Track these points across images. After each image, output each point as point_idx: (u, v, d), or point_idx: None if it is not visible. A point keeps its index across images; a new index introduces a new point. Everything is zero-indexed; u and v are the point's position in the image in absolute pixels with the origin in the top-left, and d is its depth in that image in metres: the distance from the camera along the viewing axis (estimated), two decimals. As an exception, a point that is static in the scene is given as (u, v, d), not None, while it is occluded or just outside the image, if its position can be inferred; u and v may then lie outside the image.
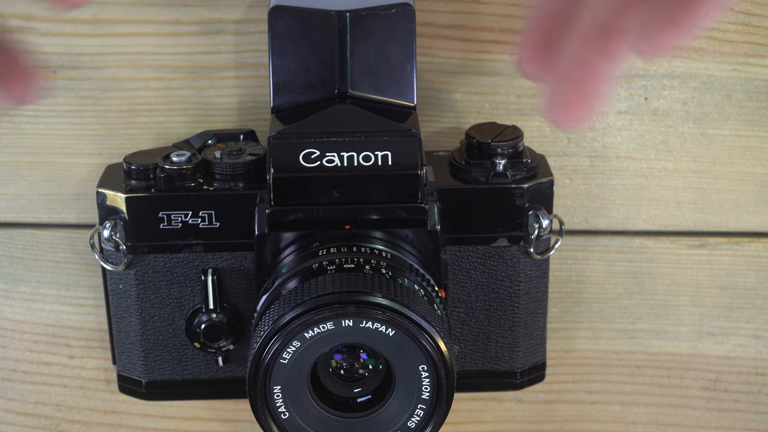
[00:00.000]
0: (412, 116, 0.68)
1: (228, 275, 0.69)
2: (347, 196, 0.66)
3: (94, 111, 0.75)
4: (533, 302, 0.71)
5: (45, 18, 0.73)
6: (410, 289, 0.63)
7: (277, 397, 0.62)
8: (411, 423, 0.63)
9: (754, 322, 0.79)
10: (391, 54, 0.68)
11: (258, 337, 0.62)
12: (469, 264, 0.69)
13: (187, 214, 0.68)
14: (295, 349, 0.61)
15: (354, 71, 0.68)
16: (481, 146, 0.68)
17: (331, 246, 0.66)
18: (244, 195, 0.68)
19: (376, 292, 0.61)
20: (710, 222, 0.77)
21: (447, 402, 0.63)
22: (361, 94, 0.68)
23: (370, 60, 0.68)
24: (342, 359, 0.66)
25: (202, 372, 0.72)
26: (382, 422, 0.64)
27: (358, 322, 0.61)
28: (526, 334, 0.71)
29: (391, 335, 0.61)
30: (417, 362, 0.62)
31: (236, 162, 0.68)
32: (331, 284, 0.62)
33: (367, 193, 0.66)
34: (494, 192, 0.68)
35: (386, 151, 0.65)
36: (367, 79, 0.68)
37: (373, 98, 0.68)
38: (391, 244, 0.67)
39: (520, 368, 0.72)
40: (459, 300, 0.70)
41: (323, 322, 0.61)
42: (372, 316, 0.61)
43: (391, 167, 0.65)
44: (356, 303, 0.61)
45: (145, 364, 0.72)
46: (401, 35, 0.68)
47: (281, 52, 0.68)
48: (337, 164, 0.65)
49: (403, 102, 0.68)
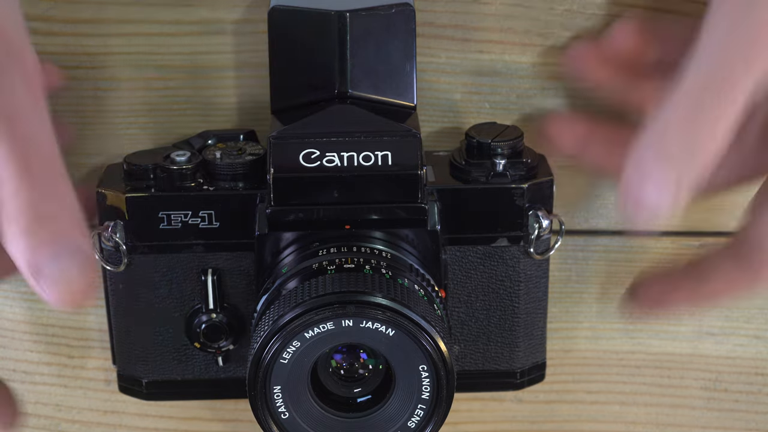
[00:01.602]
0: (412, 116, 0.68)
1: (228, 275, 0.69)
2: (347, 196, 0.66)
3: (94, 111, 0.75)
4: (533, 302, 0.71)
5: (45, 18, 0.73)
6: (410, 289, 0.63)
7: (277, 397, 0.62)
8: (411, 423, 0.63)
9: (754, 322, 0.79)
10: (391, 54, 0.68)
11: (258, 337, 0.62)
12: (469, 264, 0.69)
13: (187, 214, 0.68)
14: (295, 349, 0.61)
15: (354, 71, 0.68)
16: (481, 146, 0.68)
17: (331, 246, 0.66)
18: (244, 195, 0.67)
19: (376, 292, 0.61)
20: (710, 222, 0.77)
21: (447, 402, 0.63)
22: (360, 94, 0.68)
23: (370, 60, 0.68)
24: (342, 359, 0.66)
25: (202, 372, 0.72)
26: (382, 422, 0.64)
27: (358, 322, 0.61)
28: (526, 334, 0.71)
29: (391, 335, 0.61)
30: (417, 362, 0.62)
31: (236, 162, 0.68)
32: (331, 284, 0.62)
33: (367, 193, 0.65)
34: (494, 192, 0.68)
35: (386, 151, 0.65)
36: (367, 79, 0.68)
37: (373, 98, 0.68)
38: (391, 244, 0.67)
39: (520, 368, 0.72)
40: (459, 300, 0.70)
41: (323, 322, 0.61)
42: (372, 316, 0.61)
43: (391, 167, 0.65)
44: (356, 303, 0.61)
45: (145, 364, 0.72)
46: (401, 35, 0.68)
47: (281, 53, 0.68)
48: (337, 164, 0.65)
49: (403, 102, 0.68)
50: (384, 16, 0.68)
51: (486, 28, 0.72)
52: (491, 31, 0.73)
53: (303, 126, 0.66)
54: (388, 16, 0.68)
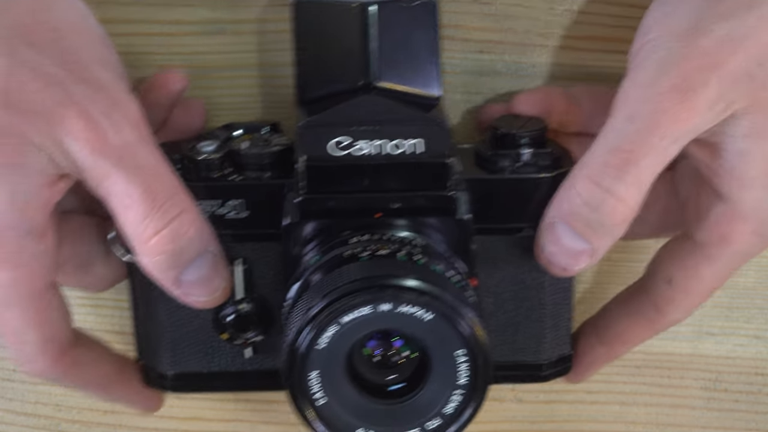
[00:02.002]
0: (438, 106, 0.68)
1: (256, 266, 0.69)
2: (377, 185, 0.65)
3: None
4: (560, 293, 0.71)
5: None
6: (445, 276, 0.63)
7: (314, 383, 0.62)
8: (447, 409, 0.63)
9: (754, 322, 0.80)
10: (415, 45, 0.69)
11: (293, 324, 0.61)
12: (496, 254, 0.69)
13: (215, 204, 0.67)
14: (332, 335, 0.61)
15: (379, 62, 0.68)
16: (507, 137, 0.69)
17: (362, 234, 0.65)
18: (273, 184, 0.67)
19: (412, 277, 0.61)
20: None
21: (484, 387, 0.62)
22: (386, 85, 0.69)
23: (394, 51, 0.68)
24: (376, 345, 0.65)
25: (229, 364, 0.71)
26: (418, 408, 0.63)
27: (395, 307, 0.60)
28: (553, 326, 0.71)
29: (428, 320, 0.61)
30: (454, 347, 0.61)
31: (264, 152, 0.68)
32: (368, 269, 0.62)
33: (397, 181, 0.65)
34: (520, 182, 0.68)
35: (416, 140, 0.65)
36: (392, 70, 0.69)
37: (399, 89, 0.69)
38: (422, 232, 0.66)
39: (546, 360, 0.72)
40: (487, 290, 0.70)
41: (360, 307, 0.60)
42: (409, 300, 0.60)
43: (421, 156, 0.65)
44: (393, 287, 0.61)
45: (171, 357, 0.71)
46: (425, 26, 0.69)
47: (306, 45, 0.69)
48: (367, 152, 0.65)
49: (429, 93, 0.69)
50: (408, 7, 0.68)
51: (486, 28, 0.73)
52: (491, 31, 0.73)
53: (332, 115, 0.66)
54: (412, 8, 0.68)
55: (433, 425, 0.63)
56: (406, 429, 0.63)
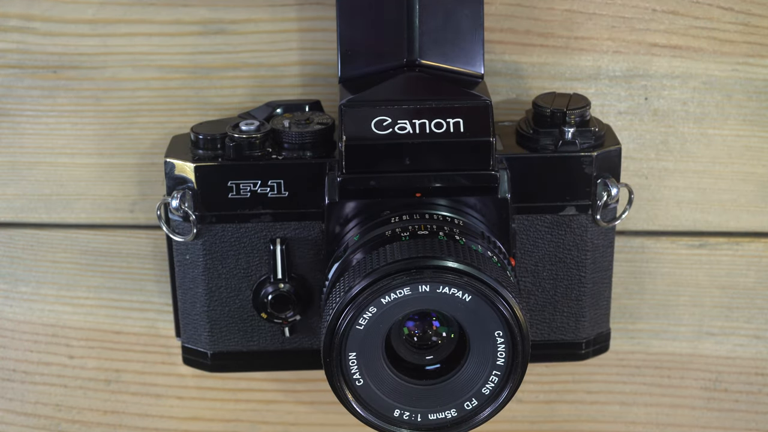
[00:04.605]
0: (481, 84, 0.68)
1: (296, 245, 0.69)
2: (419, 164, 0.65)
3: (94, 111, 0.75)
4: (600, 271, 0.71)
5: (45, 18, 0.73)
6: (485, 256, 0.63)
7: (352, 363, 0.62)
8: (485, 389, 0.63)
9: (754, 322, 0.80)
10: (459, 22, 0.68)
11: (333, 304, 0.62)
12: (536, 233, 0.69)
13: (255, 183, 0.67)
14: (371, 316, 0.61)
15: (422, 39, 0.68)
16: (552, 114, 0.68)
17: (402, 213, 0.65)
18: (314, 164, 0.67)
19: (452, 257, 0.61)
20: (710, 222, 0.78)
21: (522, 368, 0.62)
22: (429, 62, 0.68)
23: (438, 28, 0.68)
24: (415, 326, 0.66)
25: (267, 343, 0.71)
26: (456, 389, 0.63)
27: (435, 288, 0.60)
28: (593, 304, 0.71)
29: (467, 300, 0.61)
30: (493, 328, 0.61)
31: (305, 131, 0.68)
32: (407, 250, 0.62)
33: (439, 160, 0.65)
34: (563, 160, 0.68)
35: (458, 118, 0.65)
36: (436, 48, 0.68)
37: (442, 66, 0.68)
38: (461, 212, 0.66)
39: (586, 338, 0.72)
40: (526, 269, 0.70)
41: (399, 288, 0.60)
42: (449, 281, 0.60)
43: (463, 134, 0.65)
44: (433, 268, 0.60)
45: (210, 336, 0.71)
46: (469, 4, 0.68)
47: (348, 22, 0.68)
48: (408, 131, 0.65)
49: (472, 70, 0.68)
50: (452, -15, 0.68)
51: (486, 28, 0.72)
52: (491, 31, 0.73)
53: (374, 93, 0.66)
54: (455, -15, 0.68)
55: (470, 406, 0.63)
56: (442, 410, 0.63)
